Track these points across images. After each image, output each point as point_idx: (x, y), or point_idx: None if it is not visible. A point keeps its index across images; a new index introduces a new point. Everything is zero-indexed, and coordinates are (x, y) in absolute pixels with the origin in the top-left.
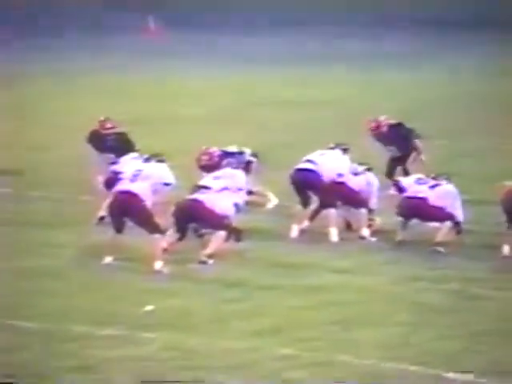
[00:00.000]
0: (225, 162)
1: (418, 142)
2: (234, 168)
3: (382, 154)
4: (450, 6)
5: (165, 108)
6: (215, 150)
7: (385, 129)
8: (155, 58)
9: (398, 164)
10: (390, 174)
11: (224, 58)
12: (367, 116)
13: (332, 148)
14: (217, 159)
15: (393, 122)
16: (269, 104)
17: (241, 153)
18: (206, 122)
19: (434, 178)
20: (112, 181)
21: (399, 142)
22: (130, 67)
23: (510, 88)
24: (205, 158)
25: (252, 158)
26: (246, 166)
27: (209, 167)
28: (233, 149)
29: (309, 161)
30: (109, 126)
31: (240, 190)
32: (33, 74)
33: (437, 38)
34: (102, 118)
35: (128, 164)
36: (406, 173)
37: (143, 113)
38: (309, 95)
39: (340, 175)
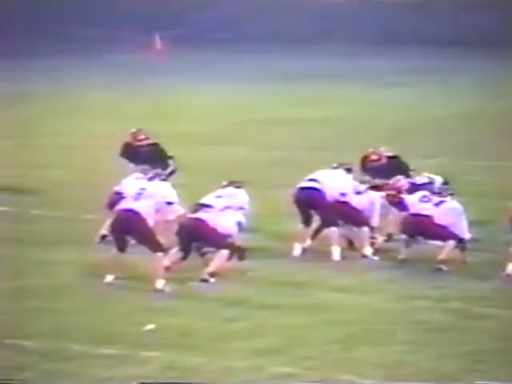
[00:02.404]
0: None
1: (410, 171)
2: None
3: None
4: (452, 24)
5: (165, 126)
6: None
7: (383, 161)
8: (155, 76)
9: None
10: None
11: (224, 76)
12: (368, 134)
13: (335, 167)
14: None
15: (389, 154)
16: (269, 122)
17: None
18: (207, 140)
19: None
20: (115, 201)
21: (395, 174)
22: (130, 85)
23: (510, 106)
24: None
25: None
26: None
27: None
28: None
29: (312, 179)
30: (141, 137)
31: (242, 208)
32: (33, 93)
33: (438, 56)
34: (134, 130)
35: (131, 184)
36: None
37: (145, 131)
38: (309, 113)
39: (343, 194)
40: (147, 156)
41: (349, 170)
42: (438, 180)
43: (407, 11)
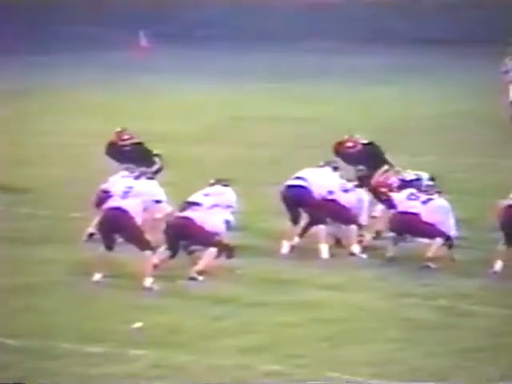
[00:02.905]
0: None
1: (386, 158)
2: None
3: None
4: (441, 23)
5: (152, 124)
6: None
7: (358, 148)
8: (142, 74)
9: (366, 184)
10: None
11: (211, 74)
12: (354, 132)
13: (322, 166)
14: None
15: (365, 141)
16: (257, 120)
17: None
18: (194, 138)
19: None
20: (102, 200)
21: (371, 161)
22: (117, 83)
23: (498, 105)
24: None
25: None
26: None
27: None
28: None
29: (299, 177)
30: (126, 136)
31: (229, 206)
32: (20, 91)
33: (426, 54)
34: (118, 129)
35: (118, 183)
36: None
37: (130, 130)
38: (297, 111)
39: (331, 192)
40: (131, 155)
41: (336, 168)
42: (425, 176)
43: (395, 10)
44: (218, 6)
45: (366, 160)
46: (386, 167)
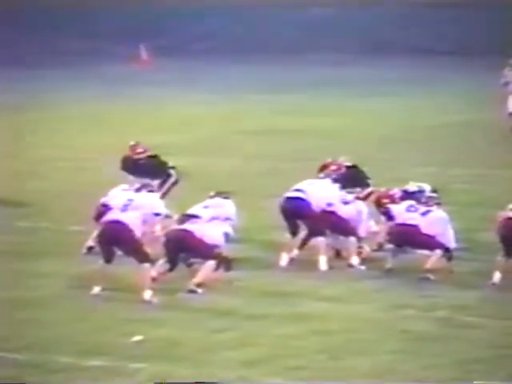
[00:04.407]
0: None
1: (370, 184)
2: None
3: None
4: (441, 35)
5: (151, 137)
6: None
7: (342, 171)
8: (142, 86)
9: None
10: None
11: (210, 86)
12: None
13: (322, 177)
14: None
15: (349, 163)
16: (256, 132)
17: None
18: (193, 150)
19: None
20: (101, 213)
21: (354, 184)
22: (116, 96)
23: (498, 116)
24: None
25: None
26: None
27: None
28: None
29: (298, 189)
30: (140, 150)
31: (229, 219)
32: (18, 104)
33: (427, 65)
34: (132, 143)
35: (118, 196)
36: None
37: (129, 142)
38: (296, 123)
39: (330, 204)
40: (147, 168)
41: (335, 180)
42: (427, 188)
43: (395, 21)
44: (218, 19)
45: (349, 182)
46: (369, 189)
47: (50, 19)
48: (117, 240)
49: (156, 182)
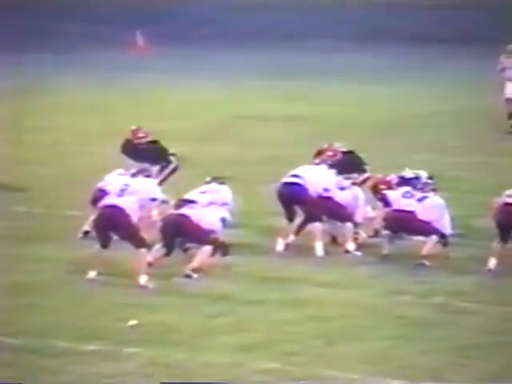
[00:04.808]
0: None
1: (367, 170)
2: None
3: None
4: (439, 22)
5: (149, 123)
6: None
7: (338, 156)
8: (141, 72)
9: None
10: None
11: (210, 73)
12: (354, 130)
13: (318, 163)
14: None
15: (345, 149)
16: (255, 119)
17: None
18: (192, 136)
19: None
20: (98, 198)
21: (350, 169)
22: (115, 82)
23: (496, 103)
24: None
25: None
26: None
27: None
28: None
29: (295, 175)
30: (141, 135)
31: (225, 204)
32: (16, 89)
33: (423, 53)
34: (134, 127)
35: (114, 181)
36: None
37: (129, 128)
38: (295, 110)
39: (326, 190)
40: (147, 153)
41: (331, 166)
42: (423, 175)
43: (392, 9)
44: (218, 5)
45: (345, 168)
46: (366, 175)
47: (47, 3)
48: (113, 225)
49: (155, 168)
